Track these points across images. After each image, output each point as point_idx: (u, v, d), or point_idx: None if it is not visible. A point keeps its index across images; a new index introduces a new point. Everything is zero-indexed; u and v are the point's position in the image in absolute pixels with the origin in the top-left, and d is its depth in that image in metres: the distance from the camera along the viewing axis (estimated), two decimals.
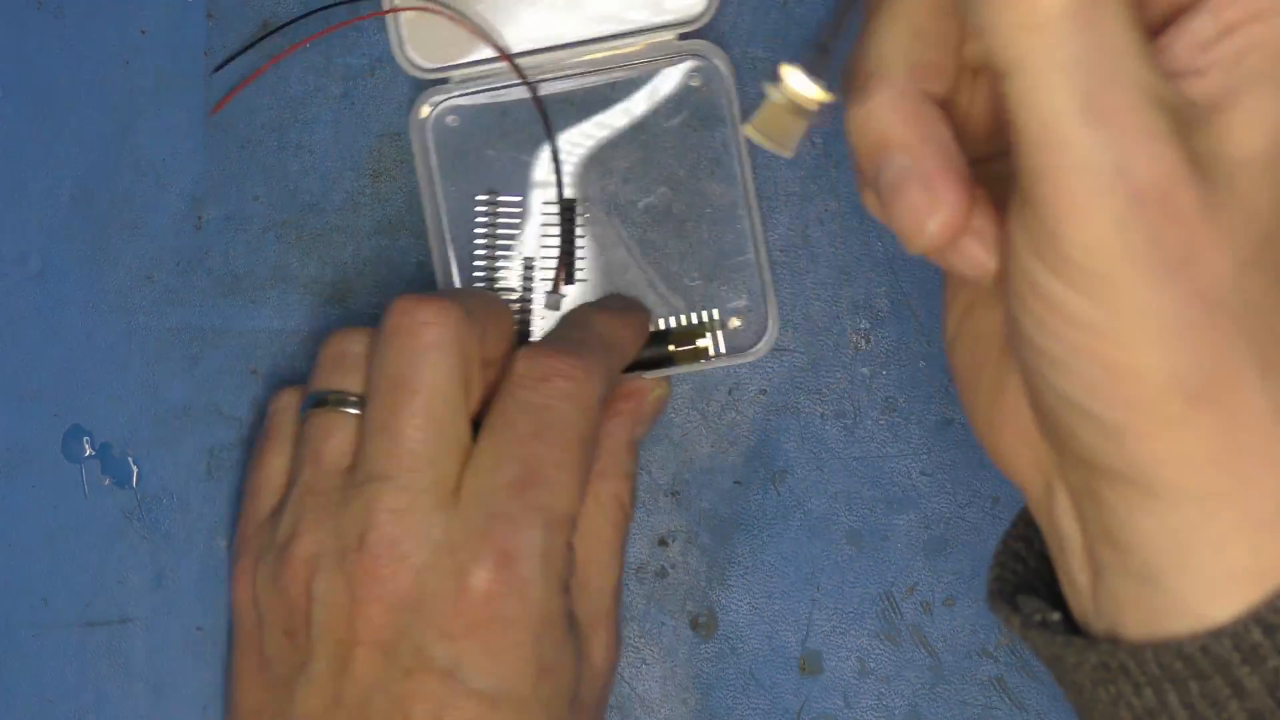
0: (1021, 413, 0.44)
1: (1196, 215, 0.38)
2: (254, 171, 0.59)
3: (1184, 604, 0.41)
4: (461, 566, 0.50)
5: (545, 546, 0.51)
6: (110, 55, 0.59)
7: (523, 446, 0.51)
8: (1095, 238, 0.38)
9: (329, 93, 0.59)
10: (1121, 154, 0.38)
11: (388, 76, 0.59)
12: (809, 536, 0.59)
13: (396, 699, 0.50)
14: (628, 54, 0.57)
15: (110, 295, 0.59)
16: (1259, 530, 0.41)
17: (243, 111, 0.59)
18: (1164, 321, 0.39)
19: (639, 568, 0.59)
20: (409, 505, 0.51)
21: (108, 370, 0.60)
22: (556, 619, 0.52)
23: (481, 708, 0.50)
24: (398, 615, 0.50)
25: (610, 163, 0.58)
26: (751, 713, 0.59)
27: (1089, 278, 0.39)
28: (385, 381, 0.52)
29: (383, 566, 0.50)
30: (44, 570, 0.59)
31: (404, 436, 0.51)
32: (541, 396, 0.52)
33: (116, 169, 0.59)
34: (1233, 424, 0.40)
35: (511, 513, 0.51)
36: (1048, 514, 0.45)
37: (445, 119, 0.58)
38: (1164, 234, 0.38)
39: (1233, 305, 0.39)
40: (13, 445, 0.60)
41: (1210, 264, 0.39)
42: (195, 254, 0.59)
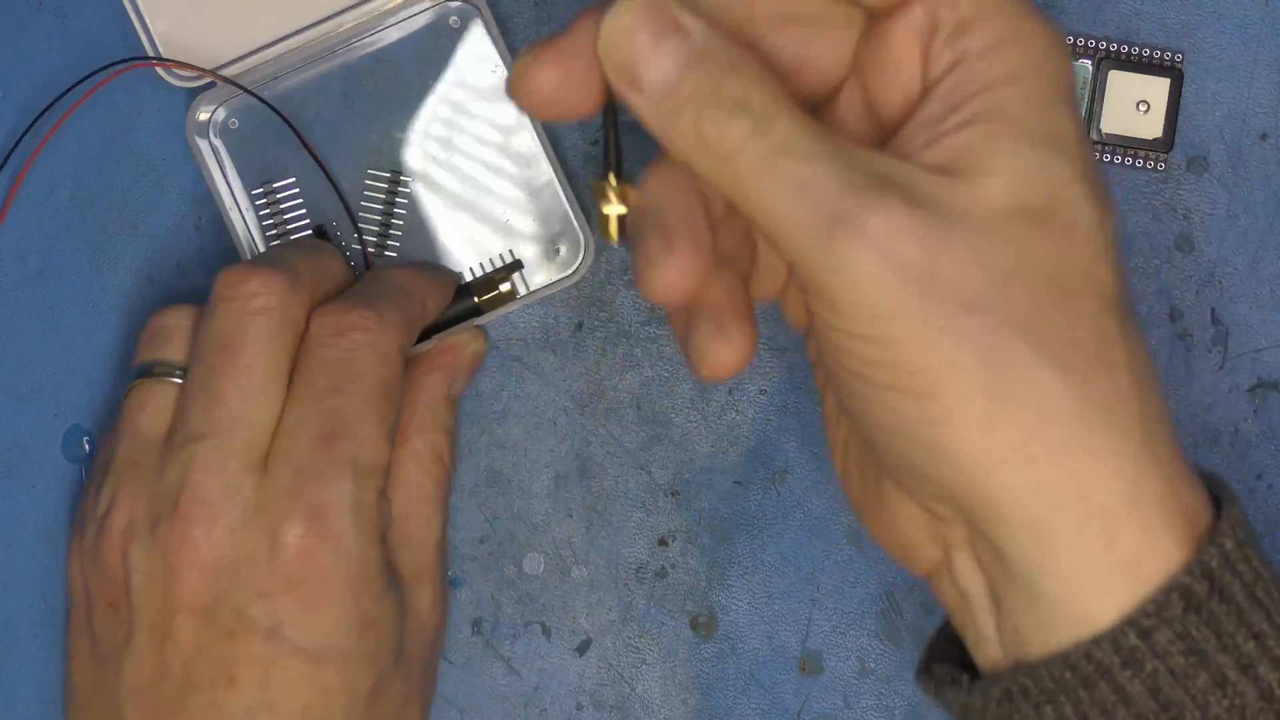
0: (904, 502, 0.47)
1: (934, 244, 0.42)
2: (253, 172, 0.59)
3: (1068, 609, 0.43)
4: (273, 525, 0.51)
5: (356, 499, 0.51)
6: (110, 55, 0.59)
7: (323, 402, 0.51)
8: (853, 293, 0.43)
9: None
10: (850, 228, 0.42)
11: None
12: (809, 536, 0.59)
13: (220, 663, 0.50)
14: (383, 14, 0.57)
15: (110, 295, 0.59)
16: (1107, 522, 0.43)
17: (242, 111, 0.59)
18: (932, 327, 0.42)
19: (639, 568, 0.59)
20: (221, 466, 0.51)
21: (108, 370, 0.59)
22: (374, 571, 0.52)
23: (307, 665, 0.50)
24: (214, 578, 0.50)
25: (397, 124, 0.58)
26: (751, 713, 0.59)
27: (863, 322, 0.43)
28: (209, 346, 0.52)
29: (195, 528, 0.50)
30: (44, 570, 0.59)
31: (223, 396, 0.51)
32: (338, 351, 0.52)
33: (116, 169, 0.59)
34: (1044, 422, 0.42)
35: (318, 468, 0.51)
36: (951, 583, 0.47)
37: (226, 122, 0.58)
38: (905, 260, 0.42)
39: (997, 309, 0.42)
40: (13, 445, 0.59)
41: (955, 274, 0.42)
42: (195, 254, 0.59)
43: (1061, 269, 0.43)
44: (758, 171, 0.43)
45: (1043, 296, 0.43)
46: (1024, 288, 0.43)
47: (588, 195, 0.58)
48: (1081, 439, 0.43)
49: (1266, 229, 0.59)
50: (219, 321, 0.52)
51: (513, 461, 0.59)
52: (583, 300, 0.59)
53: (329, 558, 0.51)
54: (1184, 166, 0.59)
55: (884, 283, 0.42)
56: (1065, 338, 0.43)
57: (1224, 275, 0.59)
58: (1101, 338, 0.43)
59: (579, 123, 0.59)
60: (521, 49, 0.47)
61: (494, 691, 0.59)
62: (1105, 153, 0.58)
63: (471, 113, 0.58)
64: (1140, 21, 0.59)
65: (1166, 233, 0.59)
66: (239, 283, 0.52)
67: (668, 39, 0.44)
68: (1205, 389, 0.59)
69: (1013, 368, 0.42)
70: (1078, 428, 0.43)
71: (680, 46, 0.43)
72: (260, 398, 0.51)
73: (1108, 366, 0.43)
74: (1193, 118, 0.59)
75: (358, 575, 0.51)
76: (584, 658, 0.59)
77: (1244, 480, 0.58)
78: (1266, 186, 0.59)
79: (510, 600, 0.59)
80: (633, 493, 0.59)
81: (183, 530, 0.50)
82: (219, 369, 0.52)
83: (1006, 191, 0.43)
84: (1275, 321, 0.58)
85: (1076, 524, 0.43)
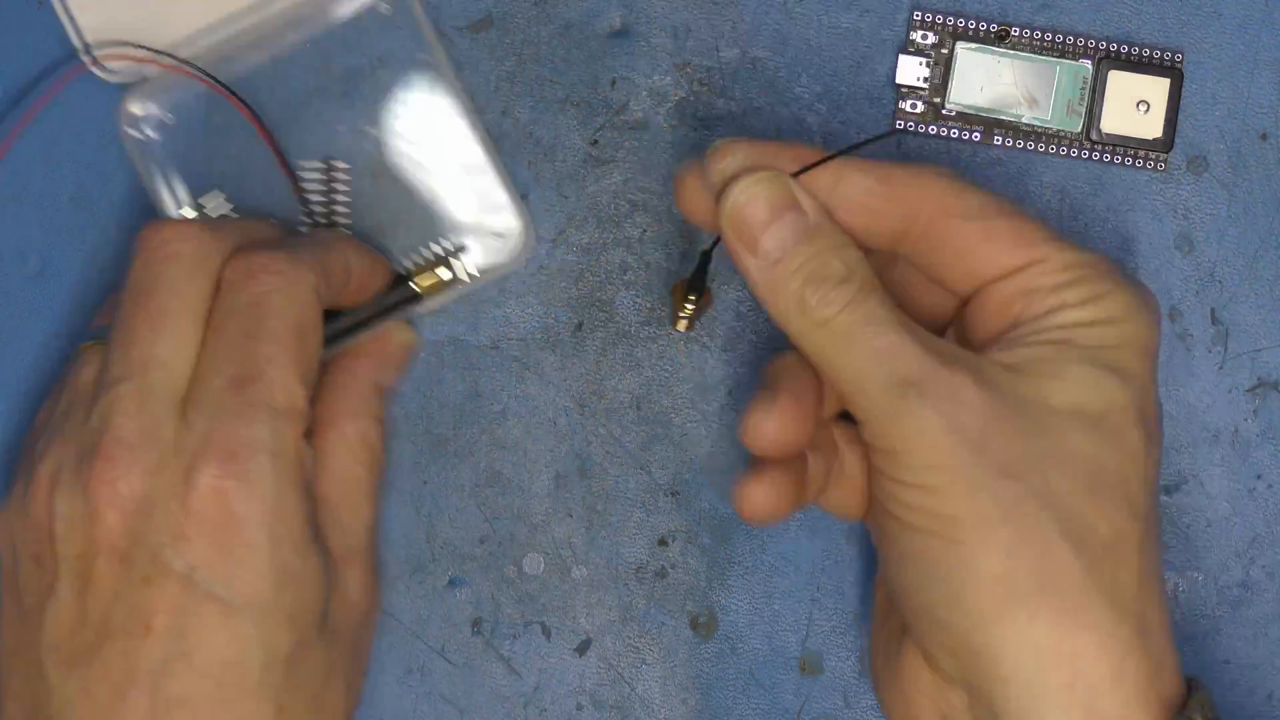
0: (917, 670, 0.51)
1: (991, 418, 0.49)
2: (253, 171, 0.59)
3: None
4: (188, 466, 0.50)
5: (273, 442, 0.51)
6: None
7: (236, 347, 0.51)
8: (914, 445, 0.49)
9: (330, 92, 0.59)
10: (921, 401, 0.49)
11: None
12: (809, 536, 0.59)
13: (137, 609, 0.50)
14: (312, 2, 0.58)
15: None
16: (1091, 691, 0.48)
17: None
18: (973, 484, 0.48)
19: (639, 568, 0.59)
20: (139, 407, 0.51)
21: None
22: (294, 520, 0.51)
23: (222, 615, 0.50)
24: (132, 520, 0.50)
25: (331, 114, 0.58)
26: (751, 713, 0.59)
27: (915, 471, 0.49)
28: (127, 295, 0.52)
29: (115, 468, 0.50)
30: None
31: (137, 338, 0.51)
32: (248, 295, 0.52)
33: (116, 169, 0.59)
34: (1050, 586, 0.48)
35: (233, 410, 0.51)
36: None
37: (160, 116, 0.58)
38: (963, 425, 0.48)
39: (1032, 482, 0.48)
40: (13, 445, 0.59)
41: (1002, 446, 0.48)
42: None
43: (1099, 469, 0.49)
44: (848, 336, 0.50)
45: (1076, 484, 0.49)
46: (1061, 473, 0.49)
47: (528, 180, 0.58)
48: (1081, 611, 0.48)
49: (1266, 229, 0.59)
50: (135, 272, 0.52)
51: (513, 461, 0.59)
52: (583, 300, 0.59)
53: (243, 500, 0.50)
54: (1184, 166, 0.59)
55: (940, 441, 0.48)
56: (1086, 524, 0.49)
57: (1224, 275, 0.59)
58: (1118, 535, 0.49)
59: (577, 123, 0.59)
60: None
61: (494, 691, 0.59)
62: (1105, 153, 0.58)
63: (405, 100, 0.58)
64: (1140, 21, 0.59)
65: (1166, 233, 0.59)
66: (153, 234, 0.52)
67: (787, 214, 0.51)
68: (1205, 389, 0.59)
69: (1033, 534, 0.48)
70: (1080, 600, 0.48)
71: (797, 222, 0.51)
72: (172, 338, 0.51)
73: (1116, 559, 0.49)
74: (1193, 118, 0.59)
75: (275, 520, 0.51)
76: (584, 658, 0.59)
77: (1244, 480, 0.59)
78: (1266, 186, 0.59)
79: (510, 600, 0.59)
80: (633, 493, 0.59)
81: (102, 470, 0.50)
82: (134, 314, 0.52)
83: (1064, 394, 0.49)
84: (1275, 321, 0.59)
85: (1063, 688, 0.48)
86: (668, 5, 0.59)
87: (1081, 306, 0.51)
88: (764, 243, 0.51)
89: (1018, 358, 0.50)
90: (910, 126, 0.59)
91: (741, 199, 0.51)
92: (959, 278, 0.52)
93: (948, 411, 0.48)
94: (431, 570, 0.59)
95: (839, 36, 0.59)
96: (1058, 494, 0.48)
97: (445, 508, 0.59)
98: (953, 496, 0.48)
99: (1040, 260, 0.51)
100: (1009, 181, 0.59)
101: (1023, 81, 0.58)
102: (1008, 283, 0.51)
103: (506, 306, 0.59)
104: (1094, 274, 0.51)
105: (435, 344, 0.59)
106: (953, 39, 0.59)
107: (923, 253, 0.52)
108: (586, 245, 0.59)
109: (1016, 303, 0.51)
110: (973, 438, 0.48)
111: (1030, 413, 0.49)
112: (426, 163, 0.58)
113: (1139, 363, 0.51)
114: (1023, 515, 0.48)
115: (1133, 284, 0.52)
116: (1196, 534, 0.59)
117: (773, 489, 0.53)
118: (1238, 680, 0.58)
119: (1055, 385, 0.49)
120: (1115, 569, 0.49)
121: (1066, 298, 0.51)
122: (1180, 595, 0.59)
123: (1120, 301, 0.51)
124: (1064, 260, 0.51)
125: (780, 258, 0.50)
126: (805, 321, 0.50)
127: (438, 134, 0.58)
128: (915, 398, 0.49)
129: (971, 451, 0.48)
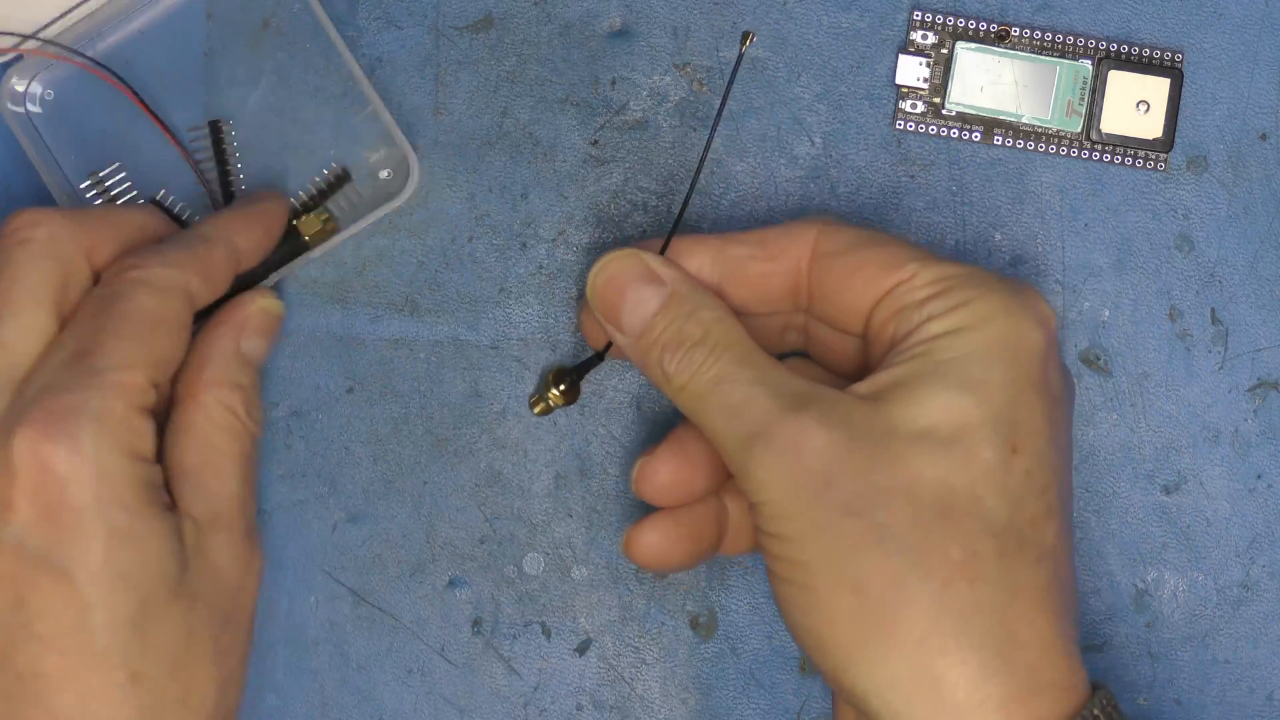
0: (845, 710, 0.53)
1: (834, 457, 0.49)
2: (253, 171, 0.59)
3: None
4: (9, 431, 0.50)
5: (100, 407, 0.50)
6: (110, 55, 0.59)
7: (82, 327, 0.52)
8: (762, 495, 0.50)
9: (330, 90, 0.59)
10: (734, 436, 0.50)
11: None
12: None
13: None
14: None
15: None
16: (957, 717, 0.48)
17: (242, 113, 0.59)
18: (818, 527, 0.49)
19: (639, 568, 0.59)
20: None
21: None
22: (125, 483, 0.51)
23: (56, 581, 0.50)
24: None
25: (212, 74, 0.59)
26: (751, 713, 0.59)
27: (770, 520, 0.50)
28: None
29: None
30: None
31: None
32: (109, 288, 0.52)
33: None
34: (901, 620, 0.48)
35: (63, 381, 0.51)
36: None
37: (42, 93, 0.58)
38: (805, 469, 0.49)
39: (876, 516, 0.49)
40: None
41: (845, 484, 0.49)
42: None
43: (948, 491, 0.49)
44: (702, 396, 0.51)
45: (922, 512, 0.49)
46: (907, 501, 0.49)
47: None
48: (933, 637, 0.48)
49: (1266, 229, 0.59)
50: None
51: (513, 461, 0.59)
52: (582, 300, 0.59)
53: (64, 461, 0.50)
54: (1184, 166, 0.59)
55: (783, 487, 0.49)
56: (936, 550, 0.49)
57: (1224, 275, 0.59)
58: (972, 555, 0.49)
59: (577, 123, 0.59)
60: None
61: (494, 691, 0.59)
62: (1105, 153, 0.58)
63: (281, 48, 0.58)
64: (1140, 21, 0.59)
65: (1166, 233, 0.59)
66: (10, 220, 0.53)
67: (643, 287, 0.53)
68: (1205, 389, 0.59)
69: (878, 568, 0.48)
70: (931, 627, 0.48)
71: (654, 294, 0.53)
72: (14, 320, 0.52)
73: (970, 579, 0.48)
74: (1193, 118, 0.59)
75: (99, 482, 0.50)
76: (584, 658, 0.59)
77: (1244, 480, 0.59)
78: (1266, 186, 0.59)
79: (510, 600, 0.59)
80: (633, 493, 0.59)
81: None
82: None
83: (913, 419, 0.49)
84: (1275, 321, 0.59)
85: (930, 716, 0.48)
86: (668, 5, 0.59)
87: (944, 317, 0.51)
88: (624, 318, 0.53)
89: (879, 384, 0.50)
90: (910, 126, 0.59)
91: (600, 279, 0.53)
92: (845, 316, 0.53)
93: (789, 459, 0.49)
94: (431, 570, 0.59)
95: (839, 36, 0.59)
96: (902, 524, 0.49)
97: (445, 508, 0.59)
98: (800, 543, 0.49)
99: (907, 279, 0.51)
100: (1009, 181, 0.59)
101: (1023, 81, 0.58)
102: (881, 307, 0.52)
103: (507, 306, 0.59)
104: (959, 283, 0.51)
105: (435, 344, 0.59)
106: (953, 39, 0.59)
107: (814, 301, 0.54)
108: (586, 245, 0.59)
109: (889, 324, 0.52)
110: (814, 482, 0.49)
111: (880, 443, 0.49)
112: (306, 108, 0.58)
113: (1003, 369, 0.50)
114: (866, 551, 0.48)
115: (1007, 287, 0.51)
116: (1196, 534, 0.59)
117: (657, 534, 0.55)
118: (1238, 680, 0.58)
119: (907, 411, 0.50)
120: (972, 589, 0.48)
121: (931, 309, 0.51)
122: (1180, 595, 0.59)
123: (985, 306, 0.50)
124: (930, 275, 0.51)
125: (641, 330, 0.53)
126: (669, 388, 0.52)
127: (316, 77, 0.58)
128: (760, 450, 0.50)
129: (814, 495, 0.49)
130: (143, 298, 0.52)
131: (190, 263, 0.53)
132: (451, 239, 0.59)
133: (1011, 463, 0.50)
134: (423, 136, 0.59)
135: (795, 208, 0.59)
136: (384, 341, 0.59)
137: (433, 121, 0.59)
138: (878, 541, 0.48)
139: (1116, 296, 0.59)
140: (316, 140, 0.59)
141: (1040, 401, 0.51)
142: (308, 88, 0.59)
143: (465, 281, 0.59)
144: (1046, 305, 0.51)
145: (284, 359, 0.59)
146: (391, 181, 0.58)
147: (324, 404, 0.59)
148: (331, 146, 0.58)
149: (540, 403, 0.58)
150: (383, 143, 0.58)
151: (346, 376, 0.59)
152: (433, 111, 0.59)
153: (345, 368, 0.59)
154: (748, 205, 0.59)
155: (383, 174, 0.58)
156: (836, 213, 0.59)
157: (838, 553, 0.49)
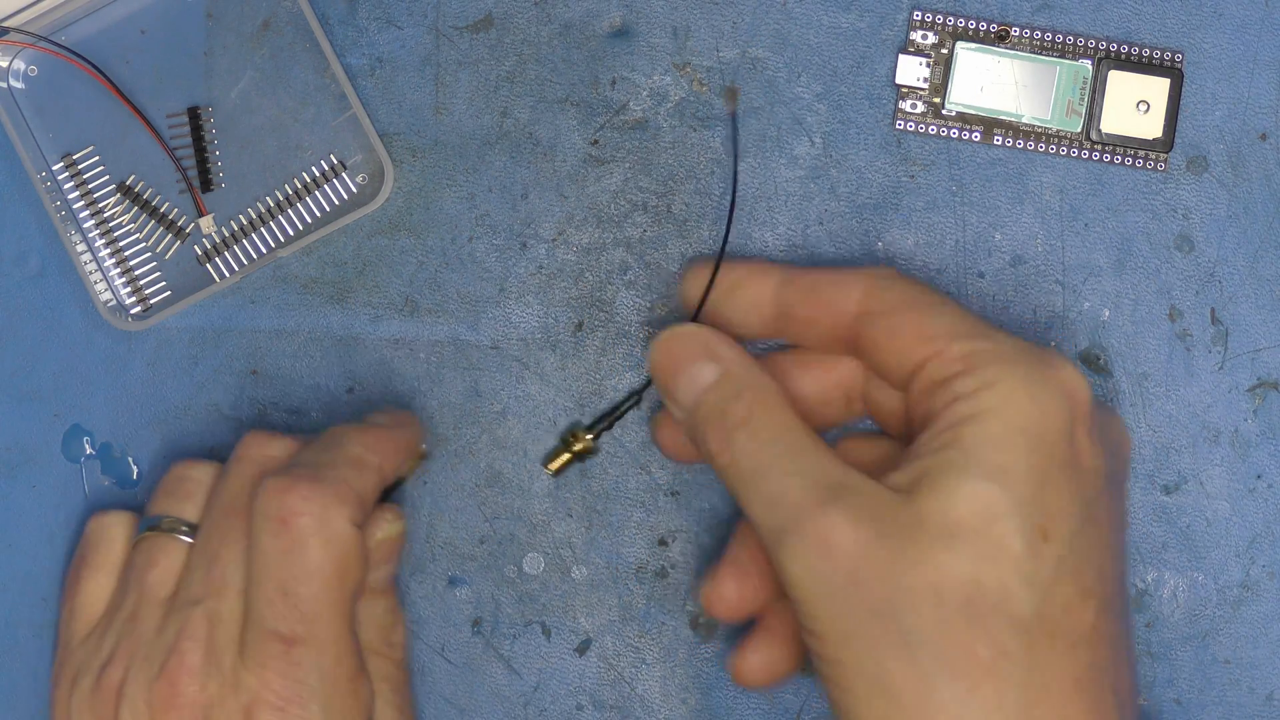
0: None
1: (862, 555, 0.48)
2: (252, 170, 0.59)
3: None
4: (245, 710, 0.51)
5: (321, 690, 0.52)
6: (110, 55, 0.59)
7: (279, 602, 0.52)
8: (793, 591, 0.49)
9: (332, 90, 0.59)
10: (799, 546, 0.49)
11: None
12: None
13: None
14: None
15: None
16: None
17: (243, 112, 0.59)
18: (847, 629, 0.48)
19: (639, 568, 0.59)
20: (209, 634, 0.52)
21: (108, 370, 0.60)
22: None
23: None
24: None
25: (194, 62, 0.59)
26: (751, 713, 0.59)
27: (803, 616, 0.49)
28: (220, 509, 0.53)
29: (179, 695, 0.52)
30: (44, 570, 0.59)
31: (221, 561, 0.53)
32: (285, 542, 0.52)
33: (116, 169, 0.59)
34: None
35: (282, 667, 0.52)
36: None
37: (25, 69, 0.59)
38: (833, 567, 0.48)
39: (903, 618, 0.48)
40: (13, 445, 0.60)
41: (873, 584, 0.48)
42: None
43: (975, 588, 0.48)
44: (744, 483, 0.51)
45: (948, 613, 0.48)
46: (933, 604, 0.48)
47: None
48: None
49: (1266, 229, 0.59)
50: (231, 485, 0.54)
51: (513, 461, 0.59)
52: (583, 300, 0.59)
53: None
54: (1184, 166, 0.59)
55: (813, 585, 0.49)
56: (963, 651, 0.48)
57: (1224, 275, 0.59)
58: (1000, 654, 0.48)
59: (577, 123, 0.59)
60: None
61: (494, 691, 0.59)
62: (1105, 153, 0.58)
63: (265, 40, 0.58)
64: (1140, 21, 0.59)
65: (1166, 233, 0.59)
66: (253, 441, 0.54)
67: (698, 365, 0.53)
68: (1205, 389, 0.59)
69: (908, 673, 0.48)
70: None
71: (706, 373, 0.53)
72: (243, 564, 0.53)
73: (998, 680, 0.48)
74: (1193, 118, 0.59)
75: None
76: (584, 658, 0.59)
77: (1244, 480, 0.59)
78: (1266, 186, 0.59)
79: (510, 600, 0.59)
80: (633, 493, 0.59)
81: (168, 694, 0.52)
82: (224, 537, 0.53)
83: (942, 512, 0.48)
84: (1275, 321, 0.59)
85: None
86: (668, 5, 0.59)
87: (969, 399, 0.50)
88: (678, 392, 0.53)
89: (910, 475, 0.49)
90: (910, 126, 0.59)
91: (657, 355, 0.54)
92: (889, 377, 0.53)
93: (819, 556, 0.49)
94: (431, 570, 0.59)
95: (839, 36, 0.59)
96: (929, 627, 0.48)
97: (445, 508, 0.59)
98: (833, 643, 0.49)
99: (937, 354, 0.51)
100: (1009, 181, 0.59)
101: (1023, 82, 0.58)
102: (917, 378, 0.51)
103: (506, 306, 0.59)
104: (984, 360, 0.50)
105: (435, 344, 0.59)
106: (953, 39, 0.59)
107: (862, 355, 0.53)
108: (586, 245, 0.59)
109: (923, 400, 0.51)
110: (843, 580, 0.48)
111: (909, 540, 0.48)
112: (290, 107, 0.58)
113: (1028, 454, 0.49)
114: (895, 655, 0.48)
115: (1030, 360, 0.50)
116: (1196, 534, 0.59)
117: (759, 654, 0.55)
118: (1238, 680, 0.58)
119: (935, 504, 0.49)
120: (995, 691, 0.48)
121: (958, 390, 0.50)
122: (1180, 595, 0.59)
123: (1007, 387, 0.49)
124: (957, 351, 0.51)
125: (693, 405, 0.53)
126: (715, 465, 0.52)
127: (309, 76, 0.58)
128: (790, 546, 0.49)
129: (842, 597, 0.48)
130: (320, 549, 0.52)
131: (356, 503, 0.53)
132: (451, 239, 0.59)
133: (1042, 550, 0.49)
134: (423, 136, 0.59)
135: (795, 208, 0.59)
136: (384, 341, 0.59)
137: (433, 121, 0.59)
138: (904, 645, 0.48)
139: (1116, 296, 0.59)
140: (297, 139, 0.59)
141: (1070, 482, 0.49)
142: (297, 87, 0.59)
143: (465, 281, 0.59)
144: (1074, 374, 0.50)
145: (284, 359, 0.59)
146: (367, 187, 0.58)
147: (324, 404, 0.59)
148: (311, 147, 0.58)
149: (563, 453, 0.58)
150: (360, 147, 0.58)
151: (346, 376, 0.59)
152: (433, 111, 0.59)
153: (345, 368, 0.59)
154: (748, 205, 0.59)
155: (359, 179, 0.58)
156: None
157: (868, 655, 0.48)
